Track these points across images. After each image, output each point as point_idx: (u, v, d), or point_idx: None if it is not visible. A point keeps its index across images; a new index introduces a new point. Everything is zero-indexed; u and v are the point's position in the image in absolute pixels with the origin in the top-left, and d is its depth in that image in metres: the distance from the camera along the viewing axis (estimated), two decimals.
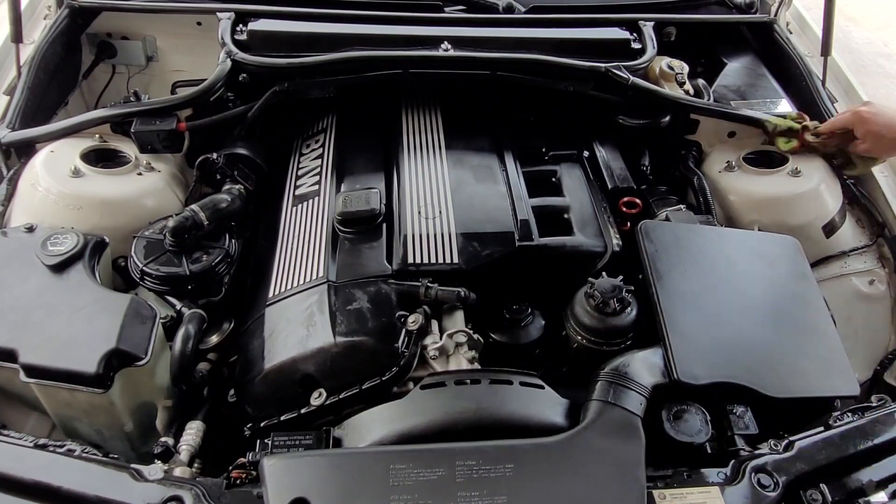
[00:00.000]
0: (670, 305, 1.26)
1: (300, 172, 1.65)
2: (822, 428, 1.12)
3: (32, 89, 1.71)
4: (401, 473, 0.95)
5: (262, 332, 1.30)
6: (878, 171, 1.75)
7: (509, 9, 1.93)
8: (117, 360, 1.16)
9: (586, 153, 1.72)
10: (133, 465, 1.00)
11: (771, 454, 1.05)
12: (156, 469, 1.00)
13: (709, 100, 1.83)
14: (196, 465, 1.17)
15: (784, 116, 1.74)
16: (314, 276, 1.34)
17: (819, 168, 1.70)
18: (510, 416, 1.08)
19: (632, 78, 1.71)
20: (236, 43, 1.72)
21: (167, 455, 1.16)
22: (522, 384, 1.13)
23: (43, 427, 1.32)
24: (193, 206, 1.44)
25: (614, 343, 1.26)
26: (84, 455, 1.02)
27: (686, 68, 1.88)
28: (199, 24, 2.00)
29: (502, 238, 1.38)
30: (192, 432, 1.21)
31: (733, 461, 1.05)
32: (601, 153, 1.73)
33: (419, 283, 1.29)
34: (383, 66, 1.72)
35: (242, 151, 1.66)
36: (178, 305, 1.36)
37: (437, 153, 1.60)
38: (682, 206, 1.59)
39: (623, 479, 0.98)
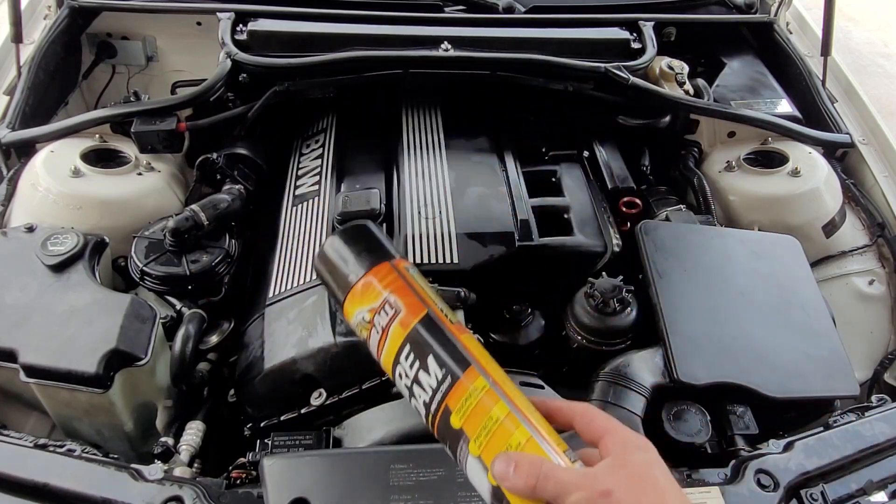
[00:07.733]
0: (670, 305, 1.26)
1: (300, 172, 1.65)
2: (822, 428, 1.12)
3: (32, 89, 1.70)
4: (401, 473, 0.95)
5: (262, 332, 1.30)
6: (878, 171, 1.75)
7: (509, 9, 1.93)
8: (117, 361, 1.16)
9: (586, 153, 1.72)
10: (133, 465, 1.00)
11: (771, 454, 1.05)
12: (156, 469, 1.00)
13: (709, 100, 1.83)
14: (196, 465, 1.17)
15: None
16: (314, 276, 1.33)
17: (819, 168, 1.70)
18: None
19: (632, 78, 1.71)
20: (236, 43, 1.71)
21: (167, 455, 1.16)
22: (522, 384, 1.13)
23: (43, 427, 1.32)
24: (193, 206, 1.44)
25: (614, 343, 1.25)
26: (84, 455, 1.01)
27: (686, 68, 1.88)
28: (199, 24, 2.00)
29: (502, 238, 1.38)
30: (192, 432, 1.21)
31: (733, 461, 1.05)
32: (601, 153, 1.72)
33: None
34: (383, 66, 1.72)
35: (242, 151, 1.66)
36: (178, 305, 1.36)
37: (438, 153, 1.60)
38: (682, 206, 1.59)
39: None
